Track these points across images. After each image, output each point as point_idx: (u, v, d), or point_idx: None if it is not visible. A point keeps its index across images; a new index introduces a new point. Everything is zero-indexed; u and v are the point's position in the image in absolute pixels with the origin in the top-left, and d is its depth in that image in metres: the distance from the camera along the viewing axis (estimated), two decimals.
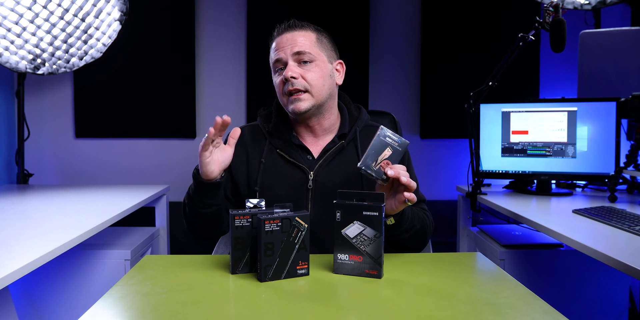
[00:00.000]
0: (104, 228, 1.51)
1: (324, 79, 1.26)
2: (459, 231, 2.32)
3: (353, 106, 1.39)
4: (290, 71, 1.21)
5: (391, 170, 1.04)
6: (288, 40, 1.24)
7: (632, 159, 1.84)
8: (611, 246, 1.24)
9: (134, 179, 2.76)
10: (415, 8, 2.83)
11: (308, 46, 1.24)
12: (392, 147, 1.06)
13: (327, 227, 1.25)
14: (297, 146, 1.30)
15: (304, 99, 1.23)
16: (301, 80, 1.23)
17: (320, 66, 1.25)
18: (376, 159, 1.06)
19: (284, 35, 1.25)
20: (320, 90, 1.25)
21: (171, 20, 2.73)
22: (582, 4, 2.37)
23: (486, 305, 0.86)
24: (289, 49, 1.23)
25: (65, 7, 2.19)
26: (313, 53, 1.24)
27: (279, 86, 1.26)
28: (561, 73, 2.83)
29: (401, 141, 1.07)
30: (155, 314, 0.83)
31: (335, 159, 1.30)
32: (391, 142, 1.06)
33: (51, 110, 2.76)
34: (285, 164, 1.29)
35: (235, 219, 1.01)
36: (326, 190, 1.26)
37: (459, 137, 2.79)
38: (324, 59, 1.27)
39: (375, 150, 1.06)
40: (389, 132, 1.06)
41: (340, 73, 1.33)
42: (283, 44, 1.24)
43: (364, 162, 1.05)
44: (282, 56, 1.24)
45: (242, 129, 1.38)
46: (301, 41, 1.24)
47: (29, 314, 1.79)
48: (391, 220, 1.13)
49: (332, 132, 1.33)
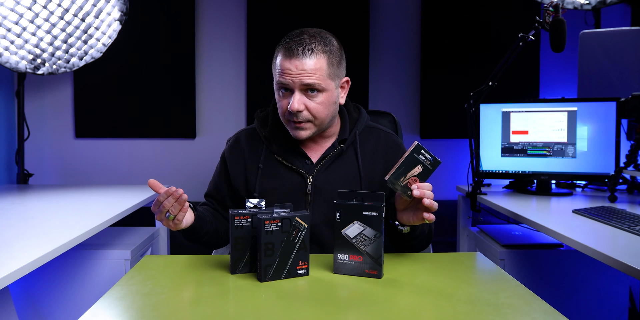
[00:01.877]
0: (104, 228, 1.51)
1: (329, 108, 1.22)
2: (459, 231, 2.32)
3: (352, 107, 1.37)
4: (297, 104, 1.16)
5: (417, 190, 1.02)
6: (297, 68, 1.16)
7: (632, 159, 1.84)
8: (611, 246, 1.24)
9: (134, 179, 2.76)
10: (415, 8, 2.83)
11: (318, 77, 1.17)
12: (424, 165, 1.04)
13: (326, 231, 1.25)
14: (296, 151, 1.29)
15: (307, 128, 1.21)
16: (306, 113, 1.19)
17: (327, 96, 1.20)
18: (405, 174, 1.04)
19: (292, 60, 1.16)
20: (323, 119, 1.22)
21: (171, 20, 2.73)
22: (582, 4, 2.37)
23: (486, 305, 0.86)
24: (297, 78, 1.16)
25: (65, 7, 2.19)
26: (323, 84, 1.18)
27: (282, 108, 1.22)
28: (561, 73, 2.83)
29: (434, 160, 1.05)
30: (155, 314, 0.83)
31: (334, 163, 1.28)
32: (424, 160, 1.04)
33: (51, 110, 2.76)
34: (283, 169, 1.28)
35: (235, 219, 1.01)
36: (325, 194, 1.25)
37: (459, 137, 2.78)
38: (332, 87, 1.21)
39: (406, 166, 1.03)
40: (423, 150, 1.04)
41: (345, 90, 1.28)
42: (291, 71, 1.16)
43: (393, 175, 1.03)
44: (289, 83, 1.17)
45: (239, 133, 1.37)
46: (311, 71, 1.16)
47: (29, 314, 1.79)
48: (407, 229, 1.13)
49: (332, 137, 1.31)
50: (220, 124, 2.80)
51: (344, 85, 1.28)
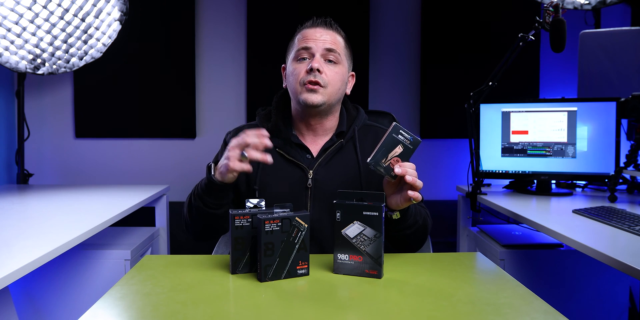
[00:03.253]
0: (104, 228, 1.51)
1: (342, 82, 1.29)
2: (459, 231, 2.32)
3: (351, 106, 1.40)
4: (318, 63, 1.23)
5: (399, 168, 1.04)
6: (322, 35, 1.27)
7: (632, 159, 1.84)
8: (611, 246, 1.24)
9: (134, 179, 2.76)
10: (415, 8, 2.83)
11: (338, 47, 1.28)
12: (404, 145, 1.05)
13: (326, 225, 1.25)
14: (297, 145, 1.30)
15: (320, 93, 1.24)
16: (324, 76, 1.24)
17: (342, 70, 1.28)
18: (386, 155, 1.05)
19: (318, 28, 1.28)
20: (335, 91, 1.27)
21: (171, 20, 2.73)
22: (582, 4, 2.37)
23: (486, 305, 0.86)
24: (321, 42, 1.25)
25: (65, 7, 2.19)
26: (341, 55, 1.28)
27: (299, 74, 1.25)
28: (561, 73, 2.83)
29: (413, 139, 1.06)
30: (155, 314, 0.83)
31: (335, 158, 1.30)
32: (403, 139, 1.05)
33: (51, 110, 2.76)
34: (284, 163, 1.29)
35: (235, 219, 1.01)
36: (325, 189, 1.26)
37: (459, 137, 2.78)
38: (345, 64, 1.30)
39: (386, 147, 1.05)
40: (402, 130, 1.05)
41: (351, 83, 1.36)
42: (316, 36, 1.26)
43: (374, 158, 1.04)
44: (312, 46, 1.25)
45: (241, 127, 1.38)
46: (333, 40, 1.27)
47: (29, 314, 1.79)
48: (397, 214, 1.13)
49: (331, 131, 1.34)
50: (220, 124, 2.80)
51: (350, 79, 1.35)
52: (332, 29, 1.29)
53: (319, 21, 1.30)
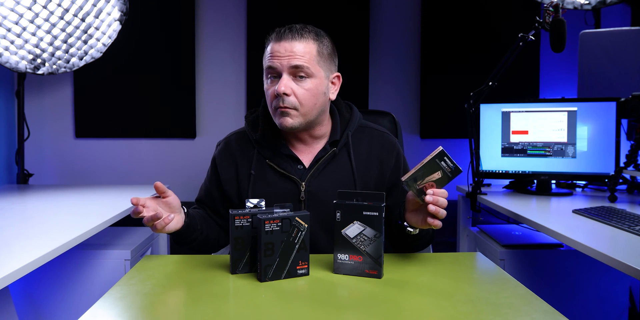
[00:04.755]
0: (104, 228, 1.51)
1: (317, 97, 1.19)
2: (459, 231, 2.32)
3: (344, 106, 1.34)
4: (283, 86, 1.14)
5: (431, 196, 0.99)
6: (286, 50, 1.15)
7: (632, 159, 1.84)
8: (611, 246, 1.24)
9: (134, 179, 2.76)
10: (415, 8, 2.83)
11: (307, 60, 1.16)
12: (444, 172, 1.02)
13: (321, 237, 1.24)
14: (287, 156, 1.26)
15: (293, 116, 1.17)
16: (292, 98, 1.16)
17: (316, 83, 1.18)
18: (423, 178, 1.02)
19: (282, 42, 1.16)
20: (310, 109, 1.19)
21: (171, 20, 2.73)
22: (582, 4, 2.37)
23: (486, 305, 0.86)
24: (285, 60, 1.15)
25: (65, 7, 2.19)
26: (311, 69, 1.17)
27: (270, 96, 1.19)
28: (561, 73, 2.83)
29: (455, 168, 1.02)
30: (155, 314, 0.83)
31: (328, 167, 1.26)
32: (444, 166, 1.01)
33: (51, 110, 2.76)
34: (275, 175, 1.25)
35: (235, 219, 1.01)
36: (319, 200, 1.23)
37: (459, 137, 2.78)
38: (321, 75, 1.19)
39: (425, 170, 1.01)
40: (446, 156, 1.01)
41: (336, 86, 1.26)
42: (280, 53, 1.15)
43: (410, 177, 1.01)
44: (277, 66, 1.16)
45: (229, 137, 1.34)
46: (300, 53, 1.15)
47: (29, 314, 1.79)
48: (416, 231, 1.13)
49: (323, 138, 1.28)
50: (220, 124, 2.80)
51: (335, 81, 1.26)
52: (299, 37, 1.16)
53: (284, 31, 1.17)
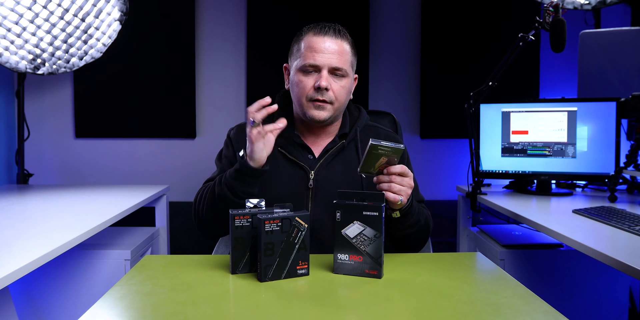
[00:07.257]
0: (104, 228, 1.51)
1: (348, 95, 1.29)
2: (459, 231, 2.32)
3: (353, 107, 1.41)
4: (326, 81, 1.21)
5: (385, 184, 1.07)
6: (330, 50, 1.22)
7: (632, 159, 1.84)
8: (611, 246, 1.24)
9: (134, 179, 2.76)
10: (415, 8, 2.83)
11: (346, 62, 1.24)
12: (387, 155, 1.05)
13: (327, 226, 1.26)
14: (299, 145, 1.31)
15: (327, 109, 1.24)
16: (331, 93, 1.23)
17: (349, 82, 1.27)
18: (374, 167, 1.07)
19: (326, 39, 1.23)
20: (341, 104, 1.27)
21: (171, 20, 2.73)
22: (582, 4, 2.37)
23: (486, 305, 0.86)
24: (328, 59, 1.22)
25: (65, 7, 2.19)
26: (348, 71, 1.25)
27: (305, 88, 1.24)
28: (561, 73, 2.83)
29: (393, 149, 1.03)
30: (155, 314, 0.83)
31: (336, 159, 1.31)
32: (384, 152, 1.04)
33: (51, 110, 2.76)
34: (286, 162, 1.29)
35: (235, 219, 1.01)
36: (327, 189, 1.27)
37: (459, 137, 2.78)
38: (351, 75, 1.28)
39: (371, 162, 1.06)
40: (379, 145, 1.02)
41: (353, 87, 1.35)
42: (323, 51, 1.22)
43: (362, 171, 1.07)
44: (320, 63, 1.22)
45: (241, 125, 1.38)
46: (342, 55, 1.23)
47: (29, 314, 1.79)
48: (396, 213, 1.14)
49: (333, 132, 1.34)
50: (220, 124, 2.80)
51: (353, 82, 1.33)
52: (340, 37, 1.25)
53: (328, 29, 1.24)
